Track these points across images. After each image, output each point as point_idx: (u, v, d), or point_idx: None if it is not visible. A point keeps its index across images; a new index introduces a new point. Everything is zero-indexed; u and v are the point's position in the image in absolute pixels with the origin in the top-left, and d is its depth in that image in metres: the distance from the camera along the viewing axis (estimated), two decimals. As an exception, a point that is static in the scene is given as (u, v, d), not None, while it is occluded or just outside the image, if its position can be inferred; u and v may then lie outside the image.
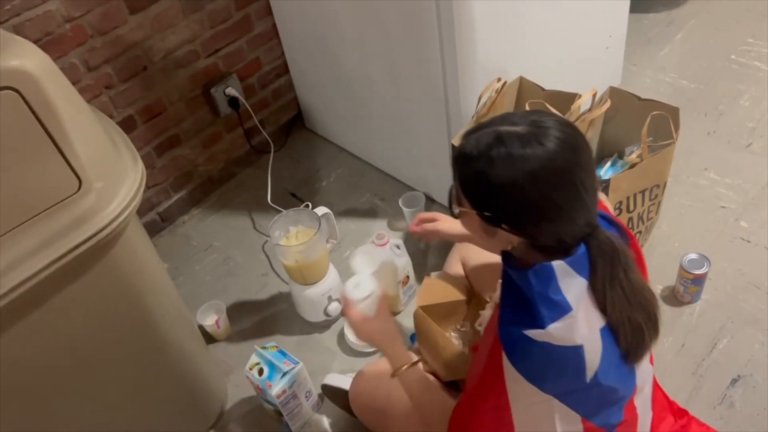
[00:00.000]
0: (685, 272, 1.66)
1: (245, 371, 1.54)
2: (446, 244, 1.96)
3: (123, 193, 1.16)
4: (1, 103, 0.98)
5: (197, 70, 2.08)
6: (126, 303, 1.28)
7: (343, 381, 1.59)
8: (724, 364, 1.61)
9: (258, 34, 2.19)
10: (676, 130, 1.55)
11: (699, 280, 1.67)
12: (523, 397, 0.97)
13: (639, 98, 1.66)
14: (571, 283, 0.93)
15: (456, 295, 1.51)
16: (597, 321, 0.97)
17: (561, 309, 0.93)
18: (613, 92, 1.68)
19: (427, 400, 1.19)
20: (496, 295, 1.19)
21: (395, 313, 1.84)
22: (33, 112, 1.02)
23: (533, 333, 0.93)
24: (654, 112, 1.56)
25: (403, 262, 1.76)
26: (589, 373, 0.95)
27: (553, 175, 0.88)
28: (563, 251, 0.94)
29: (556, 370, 0.95)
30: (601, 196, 1.11)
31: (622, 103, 1.67)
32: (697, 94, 2.35)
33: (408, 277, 1.81)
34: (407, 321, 1.83)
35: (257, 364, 1.54)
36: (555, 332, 0.92)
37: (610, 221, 1.07)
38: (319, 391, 1.65)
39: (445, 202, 2.05)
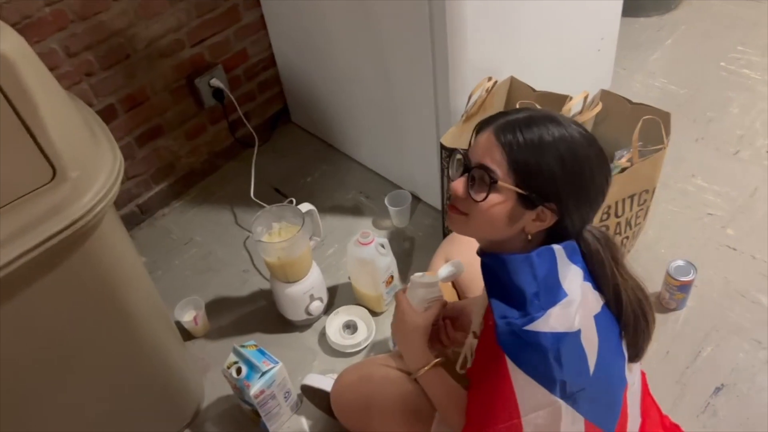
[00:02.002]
0: (671, 279, 1.65)
1: (223, 370, 1.51)
2: (432, 243, 1.93)
3: (99, 183, 1.11)
4: (-28, 86, 0.94)
5: (182, 60, 2.03)
6: (100, 297, 1.24)
7: (323, 381, 1.56)
8: (708, 372, 1.60)
9: (245, 25, 2.14)
10: (667, 135, 1.54)
11: (685, 287, 1.66)
12: (532, 402, 0.96)
13: (630, 102, 1.64)
14: (567, 270, 0.96)
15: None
16: (592, 308, 0.98)
17: (559, 294, 0.94)
18: (605, 95, 1.67)
19: (451, 401, 1.14)
20: (476, 324, 1.15)
21: (377, 313, 1.81)
22: (5, 96, 0.98)
23: (533, 326, 0.93)
24: (645, 117, 1.54)
25: (388, 262, 1.73)
26: (591, 363, 0.96)
27: (598, 156, 0.94)
28: (564, 240, 0.97)
29: (561, 359, 0.94)
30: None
31: (613, 106, 1.65)
32: (686, 99, 2.35)
33: (392, 276, 1.78)
34: (390, 320, 1.79)
35: (235, 362, 1.50)
36: (554, 317, 0.93)
37: None
38: (299, 391, 1.61)
39: (432, 202, 2.05)
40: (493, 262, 0.99)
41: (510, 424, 0.97)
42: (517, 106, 1.62)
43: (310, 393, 1.58)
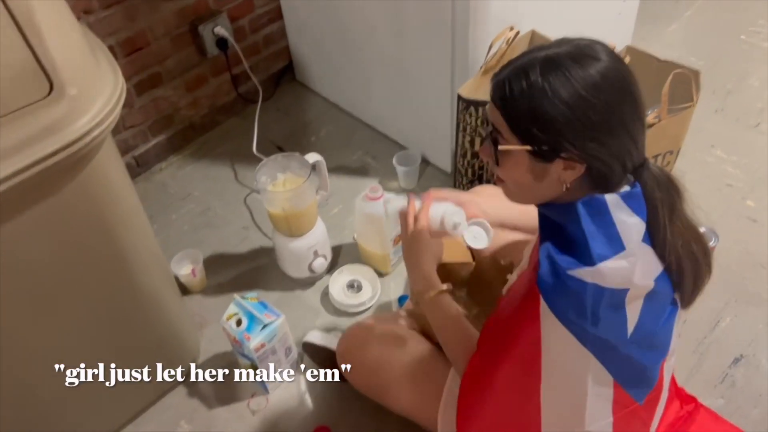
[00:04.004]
0: (692, 246, 1.58)
1: (222, 321, 1.43)
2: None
3: (99, 105, 1.02)
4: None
5: (185, 5, 1.93)
6: (95, 233, 1.16)
7: (325, 339, 1.50)
8: (726, 342, 1.54)
9: (252, -27, 2.05)
10: (697, 92, 1.46)
11: (706, 255, 1.59)
12: (559, 348, 0.89)
13: (658, 59, 1.57)
14: (626, 221, 0.86)
15: (460, 256, 1.40)
16: (646, 270, 0.88)
17: (614, 246, 0.85)
18: (631, 51, 1.59)
19: (454, 331, 1.09)
20: (524, 261, 1.09)
21: (382, 274, 1.73)
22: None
23: (582, 272, 0.84)
24: (676, 71, 1.46)
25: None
26: (631, 325, 0.88)
27: (613, 86, 0.82)
28: (616, 184, 0.87)
29: (599, 314, 0.86)
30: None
31: (640, 63, 1.58)
32: (705, 71, 2.21)
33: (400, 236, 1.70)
34: (396, 282, 1.72)
35: (235, 314, 1.42)
36: (607, 271, 0.84)
37: None
38: (299, 349, 1.54)
39: (442, 165, 1.97)
40: (545, 209, 0.93)
41: (524, 354, 0.92)
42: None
43: (312, 350, 1.52)
